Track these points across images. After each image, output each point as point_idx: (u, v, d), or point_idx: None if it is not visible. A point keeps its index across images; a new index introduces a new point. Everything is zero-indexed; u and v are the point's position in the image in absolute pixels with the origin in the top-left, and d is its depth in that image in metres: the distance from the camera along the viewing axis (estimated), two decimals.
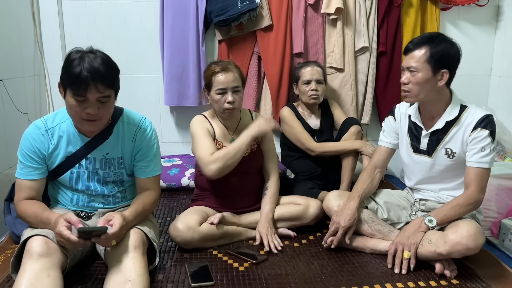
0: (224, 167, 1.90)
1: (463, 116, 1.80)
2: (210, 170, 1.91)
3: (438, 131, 1.84)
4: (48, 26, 2.78)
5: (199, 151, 1.98)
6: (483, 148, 1.74)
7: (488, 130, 1.74)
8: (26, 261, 1.40)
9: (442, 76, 1.76)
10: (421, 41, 1.77)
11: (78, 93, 1.49)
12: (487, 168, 1.76)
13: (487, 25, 3.07)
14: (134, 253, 1.50)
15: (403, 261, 1.73)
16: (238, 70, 2.03)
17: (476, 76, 3.12)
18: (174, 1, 2.74)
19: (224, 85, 1.97)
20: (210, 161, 1.90)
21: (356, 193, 1.93)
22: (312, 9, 2.84)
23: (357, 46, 2.87)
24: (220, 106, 2.00)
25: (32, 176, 1.63)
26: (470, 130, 1.77)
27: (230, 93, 1.97)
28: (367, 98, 2.96)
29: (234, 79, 1.98)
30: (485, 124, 1.75)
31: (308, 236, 2.08)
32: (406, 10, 2.90)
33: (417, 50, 1.76)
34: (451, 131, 1.82)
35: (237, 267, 1.78)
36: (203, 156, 1.94)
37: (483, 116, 1.76)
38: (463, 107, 1.82)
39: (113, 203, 1.77)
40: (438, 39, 1.76)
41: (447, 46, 1.75)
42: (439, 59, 1.73)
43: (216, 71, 1.98)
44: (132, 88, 2.90)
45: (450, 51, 1.74)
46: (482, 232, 1.69)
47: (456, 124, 1.81)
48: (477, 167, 1.76)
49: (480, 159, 1.75)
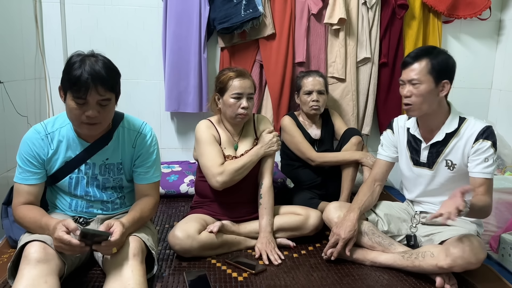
0: (230, 181, 1.97)
1: (463, 128, 1.80)
2: (217, 181, 1.95)
3: (438, 143, 1.84)
4: (51, 29, 2.78)
5: (205, 160, 1.99)
6: (486, 158, 1.74)
7: (490, 141, 1.75)
8: (23, 267, 1.38)
9: (443, 87, 1.78)
10: (419, 54, 1.79)
11: (79, 96, 1.48)
12: (490, 179, 1.76)
13: (488, 39, 3.08)
14: (133, 261, 1.48)
15: None
16: (252, 79, 2.08)
17: (477, 89, 3.14)
18: (178, 8, 2.75)
19: (241, 90, 1.99)
20: (217, 173, 1.95)
21: (357, 205, 1.92)
22: (315, 19, 2.85)
23: (359, 57, 2.87)
24: (234, 111, 2.01)
25: (31, 181, 1.61)
26: (472, 141, 1.77)
27: (245, 99, 2.00)
28: (368, 109, 2.96)
29: (250, 85, 2.03)
30: (486, 135, 1.75)
31: (308, 247, 2.06)
32: (408, 22, 2.91)
33: (417, 63, 1.77)
34: (451, 143, 1.82)
35: (236, 277, 1.76)
36: (211, 167, 1.96)
37: (484, 127, 1.77)
38: (462, 119, 1.82)
39: (112, 209, 1.76)
40: (436, 51, 1.79)
41: (445, 57, 1.78)
42: (440, 70, 1.75)
43: (233, 76, 2.01)
44: (133, 93, 2.89)
45: (449, 62, 1.78)
46: (484, 247, 1.69)
47: (455, 136, 1.81)
48: (482, 177, 1.75)
49: (483, 169, 1.75)
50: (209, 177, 1.98)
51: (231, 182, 1.98)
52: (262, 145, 2.06)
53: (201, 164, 2.03)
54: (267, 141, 2.06)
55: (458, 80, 3.11)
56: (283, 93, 2.86)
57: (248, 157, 2.02)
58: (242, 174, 2.00)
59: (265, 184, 2.09)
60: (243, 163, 1.99)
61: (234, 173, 1.97)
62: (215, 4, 2.76)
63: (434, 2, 2.85)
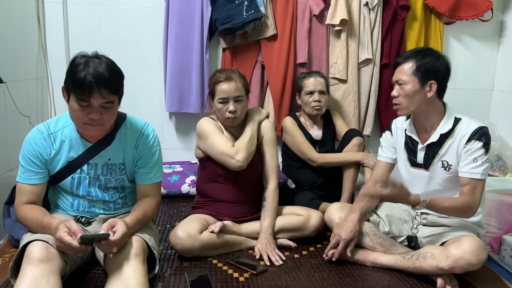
0: (248, 155, 1.98)
1: (457, 129, 1.81)
2: (238, 160, 1.95)
3: (434, 144, 1.85)
4: (53, 29, 2.79)
5: (217, 147, 1.99)
6: (475, 159, 1.75)
7: (481, 142, 1.75)
8: (25, 267, 1.38)
9: (430, 88, 1.79)
10: (408, 55, 1.83)
11: (82, 98, 1.48)
12: (480, 180, 1.76)
13: (490, 40, 3.08)
14: (134, 261, 1.48)
15: None
16: (242, 80, 2.04)
17: (478, 90, 3.13)
18: (179, 8, 2.75)
19: (225, 95, 1.98)
20: (235, 151, 1.96)
21: (358, 206, 1.92)
22: (317, 19, 2.85)
23: (360, 58, 2.88)
24: (222, 114, 2.02)
25: (33, 180, 1.62)
26: (465, 142, 1.78)
27: (231, 103, 1.98)
28: (369, 110, 2.96)
29: (236, 88, 1.99)
30: (479, 136, 1.76)
31: (309, 248, 2.07)
32: (410, 23, 2.91)
33: (405, 64, 1.81)
34: (446, 143, 1.82)
35: (237, 277, 1.77)
36: (226, 149, 1.97)
37: (477, 128, 1.77)
38: (457, 119, 1.83)
39: (113, 209, 1.76)
40: (424, 53, 1.81)
41: (432, 58, 1.79)
42: (425, 71, 1.77)
43: (219, 80, 2.00)
44: (135, 94, 2.90)
45: (436, 63, 1.79)
46: (485, 248, 1.69)
47: (450, 137, 1.81)
48: (468, 177, 1.76)
49: (471, 170, 1.75)
50: (227, 160, 1.96)
51: (249, 155, 1.99)
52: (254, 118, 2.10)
53: (214, 154, 2.00)
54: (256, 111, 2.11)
55: (460, 82, 3.13)
56: (284, 94, 2.87)
57: (249, 128, 2.05)
58: (253, 145, 2.02)
59: (270, 187, 2.09)
60: (250, 135, 2.02)
61: (248, 146, 1.98)
62: (217, 5, 2.76)
63: (435, 4, 2.85)
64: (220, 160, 1.99)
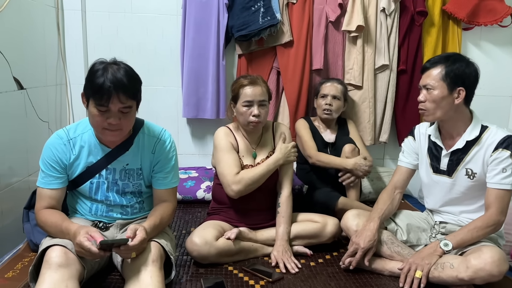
0: (245, 190, 1.98)
1: (484, 136, 1.78)
2: (232, 190, 1.97)
3: (459, 151, 1.82)
4: (72, 36, 2.83)
5: (222, 168, 2.00)
6: (504, 169, 1.72)
7: (509, 151, 1.72)
8: (45, 271, 1.40)
9: (458, 94, 1.76)
10: (437, 60, 1.80)
11: (101, 103, 1.50)
12: (509, 190, 1.73)
13: (509, 46, 3.04)
14: (152, 266, 1.49)
15: (414, 280, 1.71)
16: (265, 85, 2.07)
17: (497, 97, 3.09)
18: (196, 15, 2.77)
19: (251, 98, 2.00)
20: (234, 181, 1.96)
21: (376, 214, 1.90)
22: (333, 26, 2.85)
23: (377, 64, 2.86)
24: (246, 118, 2.02)
25: (53, 185, 1.64)
26: (491, 150, 1.74)
27: (256, 107, 2.00)
28: (386, 116, 2.94)
29: (262, 93, 2.02)
30: (506, 144, 1.73)
31: (325, 255, 2.05)
32: (427, 29, 2.89)
33: (433, 69, 1.79)
34: (471, 151, 1.79)
35: (253, 285, 1.76)
36: (227, 175, 1.98)
37: (505, 136, 1.74)
38: (484, 127, 1.80)
39: (131, 214, 1.78)
40: (454, 58, 1.79)
41: (462, 64, 1.77)
42: (455, 76, 1.75)
43: (244, 84, 2.02)
44: (152, 100, 2.92)
45: (465, 70, 1.76)
46: (506, 258, 1.65)
47: (477, 144, 1.79)
48: (497, 189, 1.73)
49: (501, 181, 1.72)
50: (225, 185, 2.00)
51: (246, 191, 1.98)
52: (279, 155, 2.03)
53: (218, 171, 2.04)
54: (284, 151, 2.04)
55: (478, 88, 3.06)
56: (300, 100, 2.86)
57: (265, 166, 2.01)
58: (258, 183, 2.00)
59: (284, 193, 2.08)
60: (260, 172, 1.99)
61: (250, 182, 1.97)
62: (233, 12, 2.78)
63: (454, 9, 2.83)
64: (220, 179, 2.03)
